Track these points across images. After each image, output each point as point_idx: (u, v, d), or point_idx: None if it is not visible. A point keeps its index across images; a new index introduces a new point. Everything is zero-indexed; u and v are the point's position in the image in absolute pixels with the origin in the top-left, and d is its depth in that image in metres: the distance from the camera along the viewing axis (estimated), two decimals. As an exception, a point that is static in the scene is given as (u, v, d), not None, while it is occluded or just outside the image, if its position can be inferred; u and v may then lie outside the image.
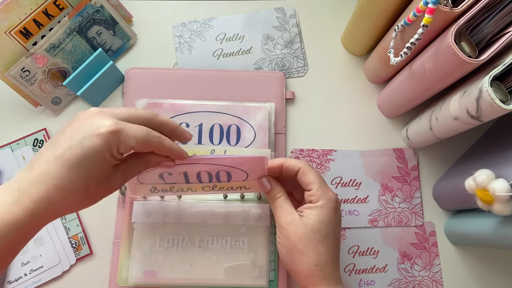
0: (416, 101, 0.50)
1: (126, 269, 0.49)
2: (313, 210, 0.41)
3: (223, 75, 0.55)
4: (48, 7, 0.49)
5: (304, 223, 0.40)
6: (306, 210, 0.41)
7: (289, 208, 0.42)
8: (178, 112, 0.53)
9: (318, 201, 0.41)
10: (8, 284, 0.49)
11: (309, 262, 0.40)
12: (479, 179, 0.38)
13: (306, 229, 0.40)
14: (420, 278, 0.52)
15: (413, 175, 0.55)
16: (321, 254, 0.40)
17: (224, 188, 0.46)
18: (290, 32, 0.58)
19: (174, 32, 0.58)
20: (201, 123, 0.52)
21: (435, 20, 0.38)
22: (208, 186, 0.45)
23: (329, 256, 0.40)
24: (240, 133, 0.52)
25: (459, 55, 0.37)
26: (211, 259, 0.49)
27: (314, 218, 0.40)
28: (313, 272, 0.40)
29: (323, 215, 0.40)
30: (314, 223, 0.40)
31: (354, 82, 0.57)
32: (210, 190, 0.46)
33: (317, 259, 0.39)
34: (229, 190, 0.46)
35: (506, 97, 0.38)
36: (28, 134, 0.53)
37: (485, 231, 0.45)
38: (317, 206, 0.41)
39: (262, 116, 0.53)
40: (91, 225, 0.52)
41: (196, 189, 0.46)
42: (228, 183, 0.45)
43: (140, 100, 0.53)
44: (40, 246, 0.51)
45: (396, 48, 0.46)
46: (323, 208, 0.41)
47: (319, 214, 0.40)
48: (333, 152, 0.55)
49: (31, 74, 0.50)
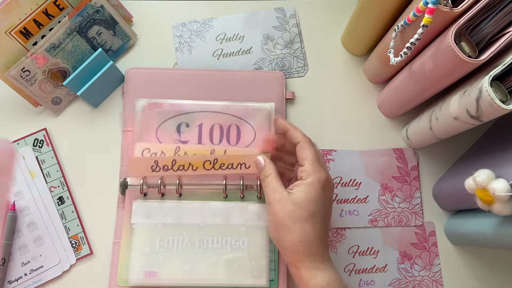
0: (416, 101, 0.50)
1: (126, 270, 0.49)
2: (301, 187, 0.41)
3: (223, 75, 0.55)
4: (48, 7, 0.49)
5: (292, 200, 0.40)
6: (295, 187, 0.41)
7: (278, 185, 0.42)
8: (178, 112, 0.53)
9: (308, 178, 0.41)
10: (8, 284, 0.49)
11: (295, 239, 0.40)
12: (479, 179, 0.38)
13: (294, 206, 0.40)
14: (420, 278, 0.52)
15: (413, 175, 0.55)
16: (307, 231, 0.40)
17: (225, 166, 0.47)
18: (290, 32, 0.58)
19: (174, 32, 0.58)
20: (201, 123, 0.52)
21: (435, 20, 0.38)
22: (209, 162, 0.47)
23: (316, 234, 0.40)
24: (240, 133, 0.52)
25: (459, 55, 0.37)
26: (211, 259, 0.49)
27: (302, 195, 0.40)
28: (298, 249, 0.40)
29: (312, 193, 0.40)
30: (302, 200, 0.40)
31: (354, 82, 0.57)
32: (210, 169, 0.47)
33: (302, 235, 0.39)
34: (229, 168, 0.48)
35: (506, 97, 0.38)
36: (28, 134, 0.53)
37: (485, 231, 0.45)
38: (307, 183, 0.41)
39: (262, 116, 0.53)
40: (91, 225, 0.52)
41: (197, 167, 0.47)
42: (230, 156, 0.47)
43: (140, 100, 0.53)
44: (40, 246, 0.51)
45: (396, 48, 0.46)
46: (312, 186, 0.41)
47: (307, 191, 0.40)
48: (333, 152, 0.55)
49: (31, 74, 0.50)
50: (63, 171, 0.53)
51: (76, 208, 0.52)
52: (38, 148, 0.53)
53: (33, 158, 0.53)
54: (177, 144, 0.52)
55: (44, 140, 0.53)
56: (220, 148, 0.51)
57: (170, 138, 0.52)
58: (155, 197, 0.51)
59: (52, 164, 0.53)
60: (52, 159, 0.53)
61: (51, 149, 0.53)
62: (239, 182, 0.50)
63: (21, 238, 0.51)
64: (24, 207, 0.51)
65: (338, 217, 0.53)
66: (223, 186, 0.50)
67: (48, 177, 0.52)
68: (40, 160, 0.53)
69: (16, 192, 0.52)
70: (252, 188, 0.51)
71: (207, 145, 0.52)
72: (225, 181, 0.50)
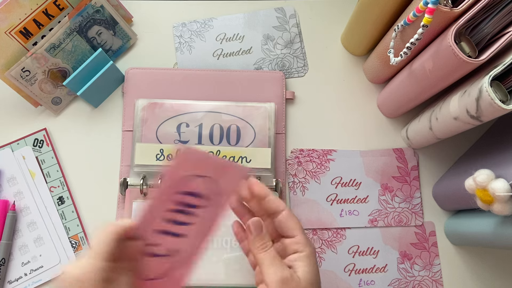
0: (416, 101, 0.50)
1: (126, 269, 0.49)
2: (303, 261, 0.37)
3: (223, 75, 0.55)
4: (48, 7, 0.49)
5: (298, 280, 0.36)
6: (296, 262, 0.37)
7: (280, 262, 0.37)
8: (178, 112, 0.53)
9: (305, 250, 0.38)
10: (8, 284, 0.49)
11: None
12: (479, 179, 0.38)
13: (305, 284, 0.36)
14: (420, 278, 0.52)
15: (413, 175, 0.55)
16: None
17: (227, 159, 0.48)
18: (290, 32, 0.58)
19: (174, 32, 0.58)
20: (201, 123, 0.52)
21: (435, 20, 0.38)
22: (212, 153, 0.48)
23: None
24: (240, 133, 0.52)
25: (459, 55, 0.37)
26: (211, 259, 0.49)
27: (306, 269, 0.37)
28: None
29: (313, 264, 0.37)
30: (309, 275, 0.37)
31: (354, 82, 0.57)
32: None
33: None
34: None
35: (506, 97, 0.38)
36: (28, 134, 0.53)
37: (485, 231, 0.45)
38: (307, 256, 0.37)
39: (262, 116, 0.53)
40: (91, 225, 0.52)
41: None
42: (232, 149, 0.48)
43: (140, 100, 0.53)
44: (40, 246, 0.51)
45: (396, 48, 0.46)
46: (312, 257, 0.38)
47: (310, 264, 0.37)
48: (333, 152, 0.55)
49: (31, 74, 0.50)
50: (63, 171, 0.53)
51: (76, 208, 0.52)
52: (38, 148, 0.53)
53: (33, 158, 0.53)
54: (177, 144, 0.52)
55: (44, 140, 0.53)
56: (220, 148, 0.51)
57: (170, 138, 0.52)
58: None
59: (52, 164, 0.53)
60: (52, 159, 0.53)
61: (51, 149, 0.53)
62: None
63: (21, 238, 0.51)
64: (24, 207, 0.51)
65: (338, 217, 0.53)
66: None
67: (48, 177, 0.53)
68: (40, 160, 0.53)
69: (16, 192, 0.52)
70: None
71: (207, 146, 0.52)
72: None
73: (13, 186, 0.52)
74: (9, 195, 0.52)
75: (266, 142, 0.52)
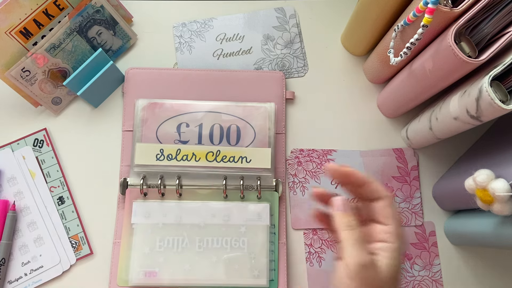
0: (416, 101, 0.50)
1: (127, 270, 0.49)
2: (388, 252, 0.36)
3: (223, 75, 0.55)
4: (48, 7, 0.49)
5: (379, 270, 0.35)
6: (381, 252, 0.36)
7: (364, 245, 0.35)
8: (178, 112, 0.53)
9: (394, 242, 0.36)
10: (8, 284, 0.49)
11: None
12: (479, 179, 0.38)
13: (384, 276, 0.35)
14: (420, 278, 0.52)
15: (413, 175, 0.55)
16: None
17: (227, 159, 0.49)
18: (290, 32, 0.58)
19: (174, 32, 0.58)
20: (201, 123, 0.52)
21: (435, 20, 0.38)
22: (212, 153, 0.49)
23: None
24: (240, 133, 0.52)
25: (459, 55, 0.37)
26: (211, 259, 0.49)
27: (389, 262, 0.35)
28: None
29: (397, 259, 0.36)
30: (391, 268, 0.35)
31: (354, 82, 0.57)
32: (213, 160, 0.49)
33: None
34: (230, 161, 0.49)
35: (506, 97, 0.38)
36: (28, 134, 0.53)
37: (485, 231, 0.45)
38: (395, 249, 0.36)
39: (262, 116, 0.53)
40: (91, 225, 0.52)
41: (200, 157, 0.49)
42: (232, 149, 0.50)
43: (140, 100, 0.53)
44: (40, 246, 0.51)
45: (396, 48, 0.46)
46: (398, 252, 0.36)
47: (395, 258, 0.35)
48: (333, 152, 0.55)
49: (31, 74, 0.50)
50: (63, 171, 0.53)
51: (76, 208, 0.52)
52: (38, 148, 0.53)
53: (33, 158, 0.53)
54: (177, 144, 0.52)
55: (44, 140, 0.53)
56: (220, 148, 0.51)
57: (170, 138, 0.52)
58: (155, 197, 0.51)
59: (52, 164, 0.53)
60: (52, 159, 0.53)
61: (51, 149, 0.53)
62: (239, 182, 0.50)
63: (21, 238, 0.51)
64: (24, 207, 0.51)
65: (338, 217, 0.53)
66: (223, 186, 0.50)
67: (48, 177, 0.53)
68: (40, 160, 0.53)
69: (16, 192, 0.52)
70: (252, 188, 0.51)
71: (207, 145, 0.52)
72: (225, 181, 0.50)
73: (13, 186, 0.52)
74: (9, 195, 0.52)
75: (266, 142, 0.52)
